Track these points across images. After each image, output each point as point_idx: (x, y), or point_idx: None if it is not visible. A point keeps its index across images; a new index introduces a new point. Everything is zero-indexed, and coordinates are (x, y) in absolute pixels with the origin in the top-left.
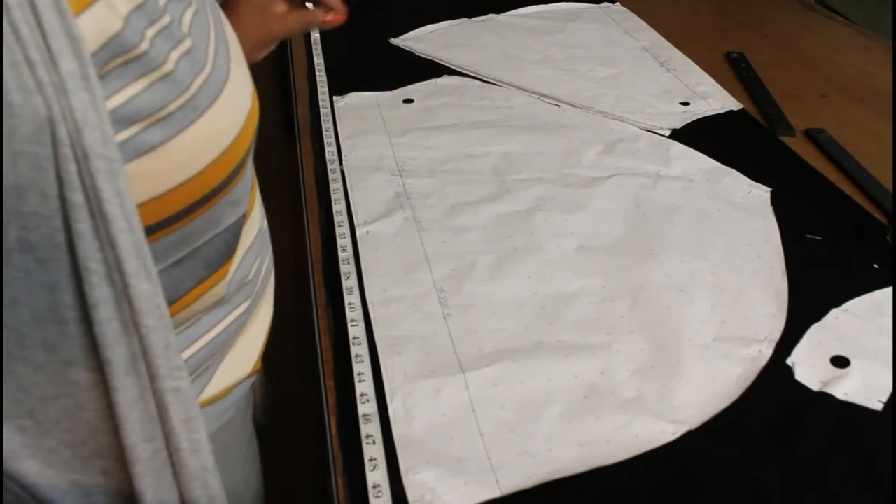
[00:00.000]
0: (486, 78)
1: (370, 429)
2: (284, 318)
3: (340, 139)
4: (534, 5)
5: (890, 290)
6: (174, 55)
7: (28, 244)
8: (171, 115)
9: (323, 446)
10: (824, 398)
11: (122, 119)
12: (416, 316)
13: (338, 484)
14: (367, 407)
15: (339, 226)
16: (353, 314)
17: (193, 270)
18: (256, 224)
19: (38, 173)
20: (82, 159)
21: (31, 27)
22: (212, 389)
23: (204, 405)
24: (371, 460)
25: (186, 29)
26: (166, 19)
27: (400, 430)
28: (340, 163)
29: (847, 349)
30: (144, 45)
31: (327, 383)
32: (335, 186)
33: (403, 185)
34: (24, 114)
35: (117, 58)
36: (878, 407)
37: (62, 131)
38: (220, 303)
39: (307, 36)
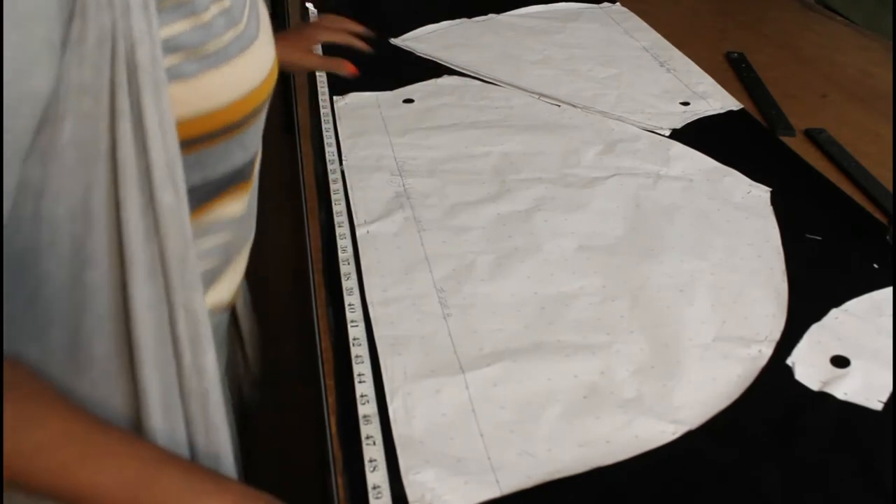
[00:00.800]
0: (486, 78)
1: (370, 430)
2: (284, 318)
3: (340, 139)
4: (534, 5)
5: (890, 290)
6: (214, 9)
7: (76, 142)
8: (206, 55)
9: (323, 446)
10: (824, 398)
11: (167, 48)
12: (416, 316)
13: (338, 484)
14: (367, 408)
15: (339, 226)
16: (352, 315)
17: (198, 197)
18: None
19: (95, 77)
20: (132, 72)
21: None
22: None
23: None
24: (371, 461)
25: None
26: None
27: (400, 430)
28: (340, 163)
29: (847, 349)
30: None
31: (327, 383)
32: (335, 187)
33: (403, 185)
34: (94, 24)
35: (166, 0)
36: (878, 407)
37: (121, 46)
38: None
39: None
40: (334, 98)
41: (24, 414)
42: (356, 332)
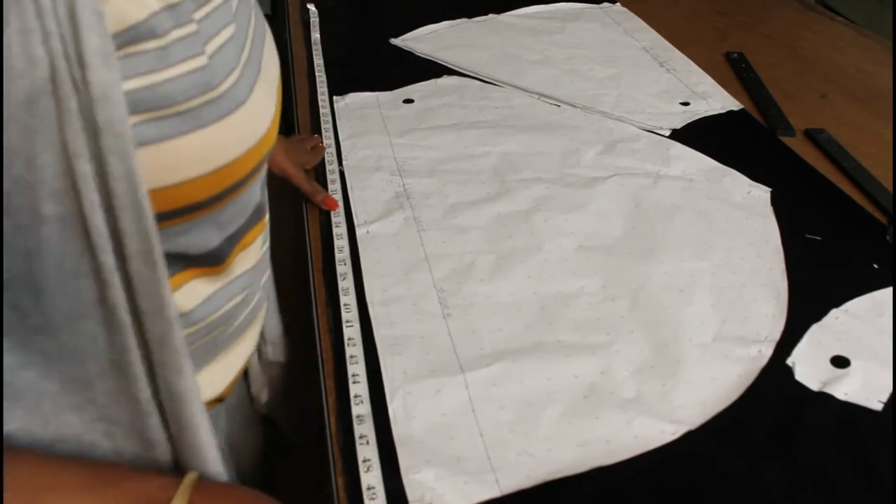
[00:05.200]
0: (486, 78)
1: (364, 429)
2: (285, 317)
3: (340, 139)
4: (534, 5)
5: (890, 290)
6: (185, 66)
7: (8, 209)
8: (167, 117)
9: (323, 446)
10: (824, 398)
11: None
12: (416, 316)
13: (337, 484)
14: (360, 408)
15: (336, 226)
16: (348, 315)
17: (176, 267)
18: (255, 256)
19: (25, 141)
20: (92, 134)
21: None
22: None
23: None
24: (365, 461)
25: (214, 48)
26: (192, 27)
27: (400, 430)
28: (340, 163)
29: (847, 349)
30: (162, 42)
31: (327, 383)
32: (333, 187)
33: (403, 185)
34: (21, 81)
35: (129, 46)
36: (878, 407)
37: (72, 104)
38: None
39: (307, 36)
40: (334, 98)
41: None
42: (351, 332)
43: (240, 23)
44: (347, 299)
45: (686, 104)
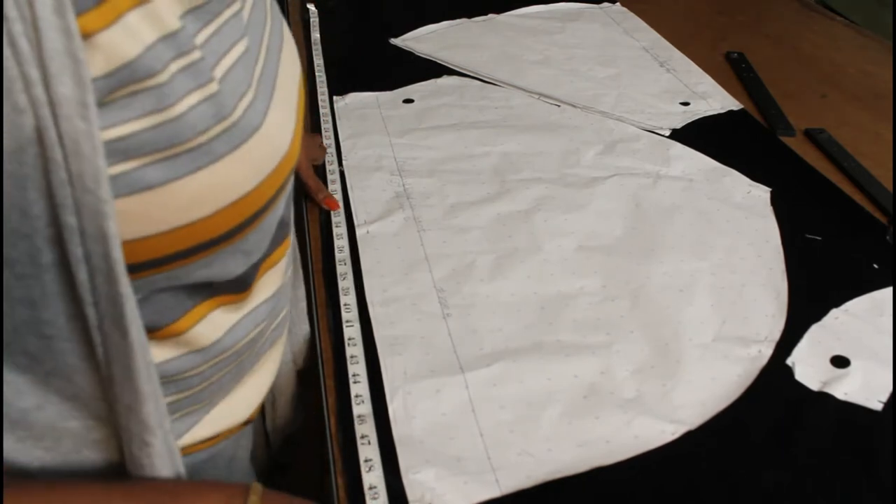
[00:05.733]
0: (486, 78)
1: (365, 429)
2: None
3: (340, 139)
4: (534, 5)
5: (890, 290)
6: (193, 97)
7: (7, 259)
8: (176, 156)
9: (323, 446)
10: (824, 398)
11: (119, 152)
12: (416, 316)
13: (337, 484)
14: (362, 408)
15: (336, 226)
16: (348, 315)
17: (180, 300)
18: (280, 275)
19: (17, 192)
20: (72, 187)
21: (31, 43)
22: (198, 434)
23: (186, 452)
24: (367, 461)
25: (223, 70)
26: (196, 55)
27: (400, 430)
28: (340, 163)
29: (847, 349)
30: (162, 78)
31: (327, 383)
32: (333, 187)
33: (403, 185)
34: (7, 130)
35: (125, 87)
36: (878, 407)
37: (58, 154)
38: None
39: (307, 36)
40: (334, 98)
41: None
42: (351, 332)
43: (253, 35)
44: (347, 299)
45: (686, 104)
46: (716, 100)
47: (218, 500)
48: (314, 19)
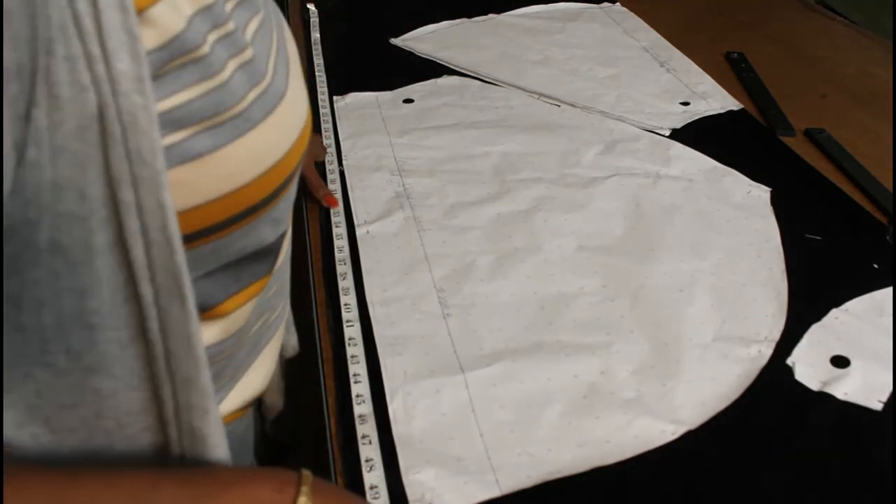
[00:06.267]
0: (486, 78)
1: (366, 429)
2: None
3: (340, 139)
4: (534, 5)
5: (890, 290)
6: (232, 64)
7: (59, 246)
8: (221, 124)
9: (323, 446)
10: (824, 398)
11: (171, 123)
12: (416, 316)
13: (338, 484)
14: (362, 408)
15: (336, 226)
16: (348, 314)
17: (225, 284)
18: (288, 244)
19: (77, 172)
20: (129, 162)
21: (93, 21)
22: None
23: None
24: (367, 461)
25: (250, 38)
26: (230, 26)
27: (400, 430)
28: (340, 163)
29: (847, 349)
30: (205, 49)
31: (327, 383)
32: (333, 187)
33: (403, 185)
34: (71, 109)
35: (175, 59)
36: (878, 407)
37: (117, 130)
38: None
39: (307, 36)
40: (334, 98)
41: None
42: (352, 331)
43: (265, 9)
44: (347, 299)
45: (686, 104)
46: (716, 100)
47: (271, 486)
48: (314, 19)
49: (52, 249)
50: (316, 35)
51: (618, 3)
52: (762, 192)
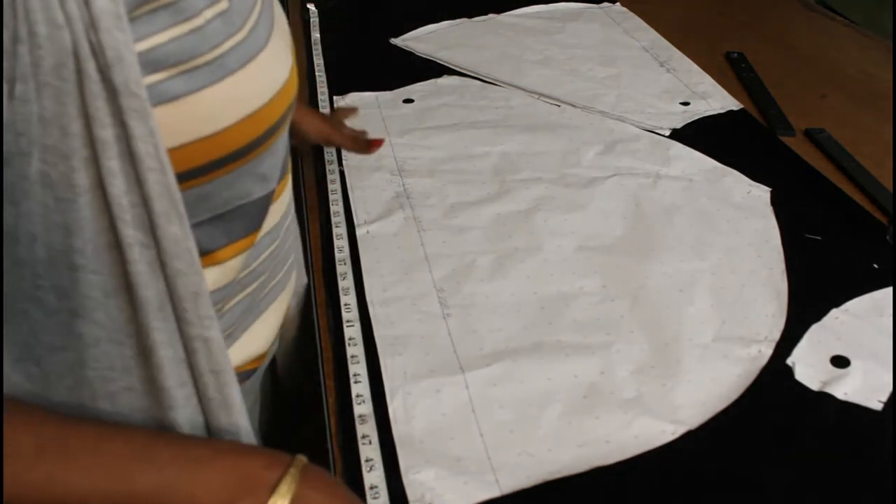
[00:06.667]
0: (486, 78)
1: (366, 429)
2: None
3: None
4: (534, 5)
5: (890, 290)
6: (208, 12)
7: (48, 179)
8: (198, 68)
9: (323, 446)
10: (824, 398)
11: (147, 64)
12: (416, 316)
13: None
14: (363, 408)
15: (336, 226)
16: (348, 314)
17: (214, 236)
18: (283, 207)
19: (59, 108)
20: (111, 97)
21: None
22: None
23: None
24: (367, 461)
25: None
26: None
27: (400, 430)
28: (340, 163)
29: (847, 349)
30: None
31: (327, 383)
32: (333, 187)
33: (403, 185)
34: (48, 46)
35: (148, 3)
36: (878, 407)
37: (90, 67)
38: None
39: (307, 36)
40: (334, 98)
41: None
42: (352, 332)
43: None
44: (348, 299)
45: (686, 104)
46: (716, 100)
47: (261, 462)
48: (314, 19)
49: (43, 182)
50: (316, 35)
51: (618, 3)
52: (762, 192)
